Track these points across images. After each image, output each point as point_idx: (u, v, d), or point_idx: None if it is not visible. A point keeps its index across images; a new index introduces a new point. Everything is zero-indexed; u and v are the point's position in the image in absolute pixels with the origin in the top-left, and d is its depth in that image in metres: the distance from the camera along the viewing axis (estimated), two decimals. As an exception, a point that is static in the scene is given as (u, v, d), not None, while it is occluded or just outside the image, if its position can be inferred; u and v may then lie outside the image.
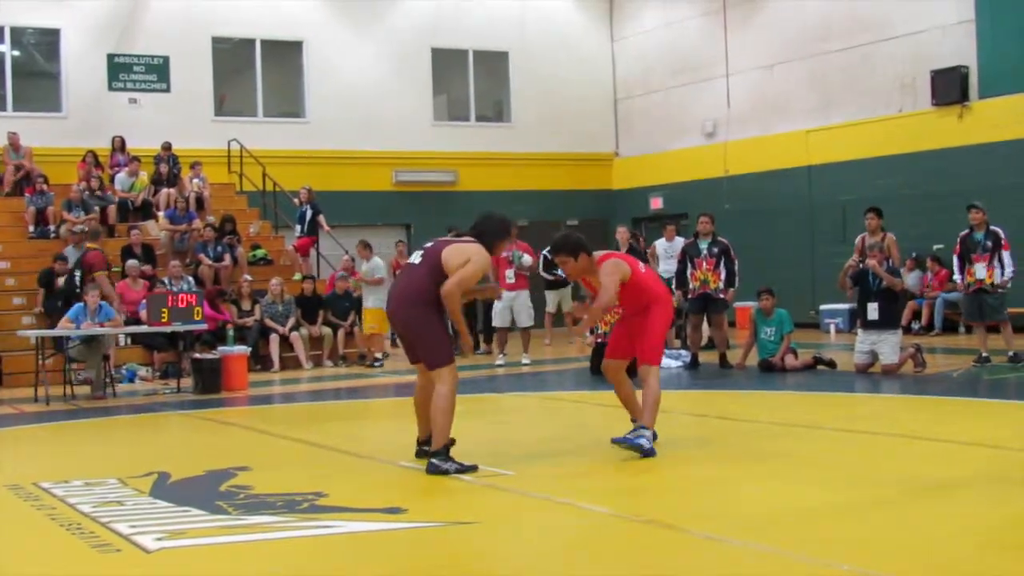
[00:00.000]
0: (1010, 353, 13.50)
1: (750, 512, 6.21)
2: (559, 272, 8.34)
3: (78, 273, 14.69)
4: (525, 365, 15.73)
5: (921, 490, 6.59)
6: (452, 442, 7.47)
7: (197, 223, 18.50)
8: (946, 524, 5.74)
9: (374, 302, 16.41)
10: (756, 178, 22.14)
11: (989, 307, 13.65)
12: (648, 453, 7.63)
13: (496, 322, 16.41)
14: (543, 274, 17.92)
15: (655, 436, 7.78)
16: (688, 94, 23.86)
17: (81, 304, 13.67)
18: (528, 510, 6.51)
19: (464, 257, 7.51)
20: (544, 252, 16.48)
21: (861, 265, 13.46)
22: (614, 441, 7.75)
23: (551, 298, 18.81)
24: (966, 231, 13.89)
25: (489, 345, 17.67)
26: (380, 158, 23.07)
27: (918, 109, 19.50)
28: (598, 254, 8.07)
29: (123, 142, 20.08)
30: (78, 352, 13.69)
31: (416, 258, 7.75)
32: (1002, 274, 13.57)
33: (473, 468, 7.41)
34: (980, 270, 13.59)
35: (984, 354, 13.54)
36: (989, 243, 13.58)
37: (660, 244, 17.60)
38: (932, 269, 18.84)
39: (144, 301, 15.12)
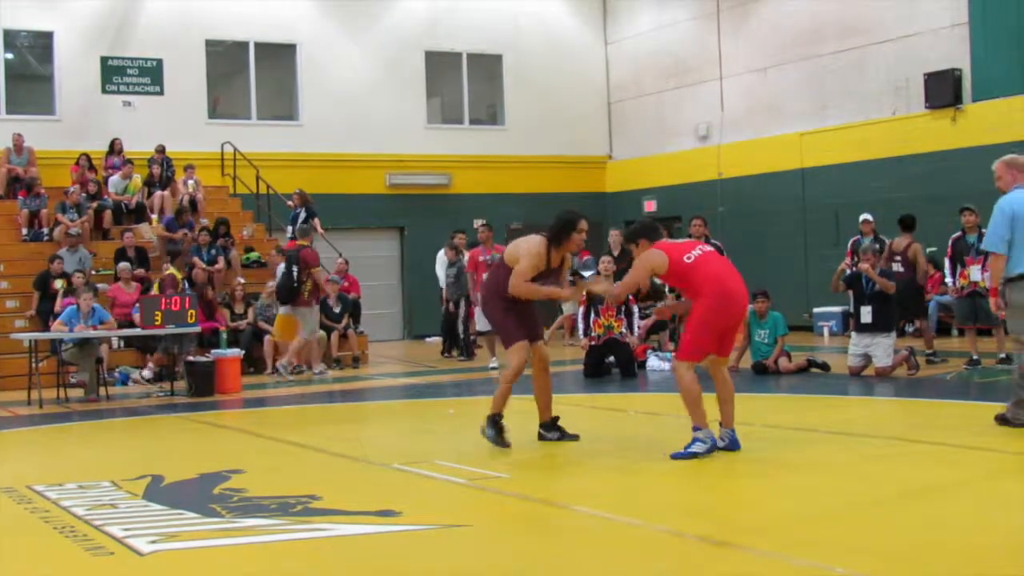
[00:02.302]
0: (1002, 355, 13.50)
1: (745, 514, 6.22)
2: (584, 275, 8.56)
3: (295, 269, 15.28)
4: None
5: (915, 493, 6.59)
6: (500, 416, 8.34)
7: (196, 232, 18.32)
8: (941, 527, 5.74)
9: (283, 309, 15.94)
10: (750, 181, 22.15)
11: (983, 310, 13.63)
12: (707, 452, 7.57)
13: (480, 326, 16.33)
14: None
15: (709, 438, 7.63)
16: (681, 97, 23.88)
17: (74, 306, 13.66)
18: (522, 513, 6.51)
19: (516, 251, 8.28)
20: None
21: (854, 268, 13.49)
22: (672, 456, 7.64)
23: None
24: (958, 234, 13.90)
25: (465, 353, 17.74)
26: (373, 161, 23.06)
27: (911, 112, 19.52)
28: (667, 243, 7.96)
29: (120, 145, 20.03)
30: (71, 355, 13.67)
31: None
32: None
33: (506, 445, 8.22)
34: (975, 272, 13.55)
35: (975, 357, 13.55)
36: (982, 246, 13.57)
37: None
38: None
39: (137, 304, 15.13)
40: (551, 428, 8.73)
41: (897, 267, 14.62)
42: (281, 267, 16.09)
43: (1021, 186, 8.67)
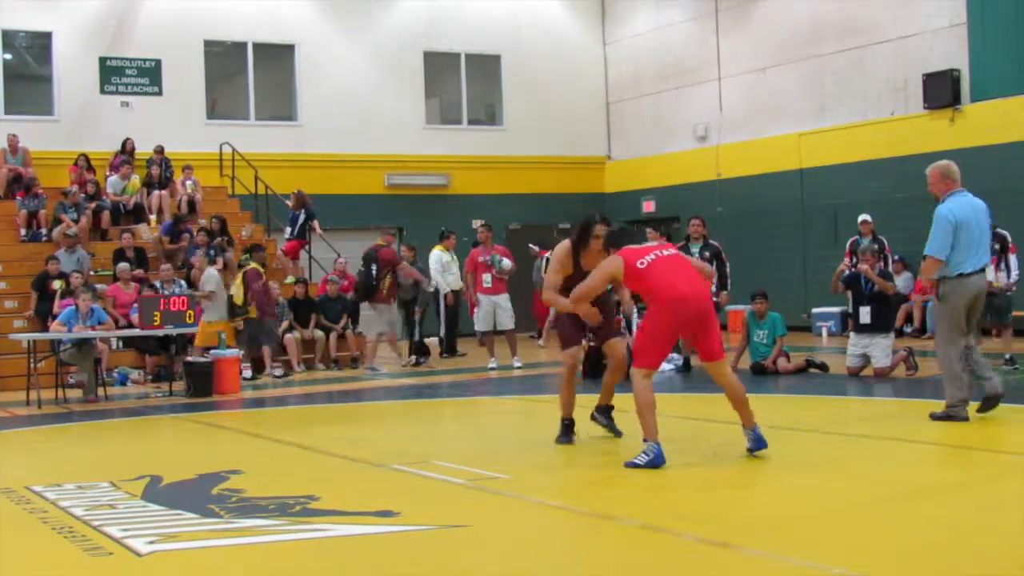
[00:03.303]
0: (1007, 356, 13.47)
1: (743, 515, 6.22)
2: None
3: (374, 267, 15.84)
4: (517, 368, 15.72)
5: (915, 493, 6.59)
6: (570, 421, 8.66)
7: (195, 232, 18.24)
8: (941, 527, 5.74)
9: (208, 315, 15.13)
10: (748, 181, 22.14)
11: (995, 310, 13.58)
12: (648, 465, 7.35)
13: (479, 327, 16.34)
14: None
15: (653, 448, 7.42)
16: (680, 97, 23.88)
17: (73, 307, 13.64)
18: (521, 513, 6.51)
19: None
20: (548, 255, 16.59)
21: (853, 269, 13.49)
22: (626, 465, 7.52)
23: None
24: None
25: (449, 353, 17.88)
26: (372, 161, 23.04)
27: (910, 112, 19.51)
28: (627, 249, 7.95)
29: (132, 145, 19.98)
30: (70, 356, 13.65)
31: None
32: (1008, 276, 13.53)
33: (569, 441, 8.50)
34: (988, 272, 13.52)
35: (974, 357, 13.52)
36: (996, 245, 13.50)
37: None
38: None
39: (136, 304, 15.11)
40: (603, 413, 8.96)
41: None
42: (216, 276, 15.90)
43: (955, 193, 9.04)
